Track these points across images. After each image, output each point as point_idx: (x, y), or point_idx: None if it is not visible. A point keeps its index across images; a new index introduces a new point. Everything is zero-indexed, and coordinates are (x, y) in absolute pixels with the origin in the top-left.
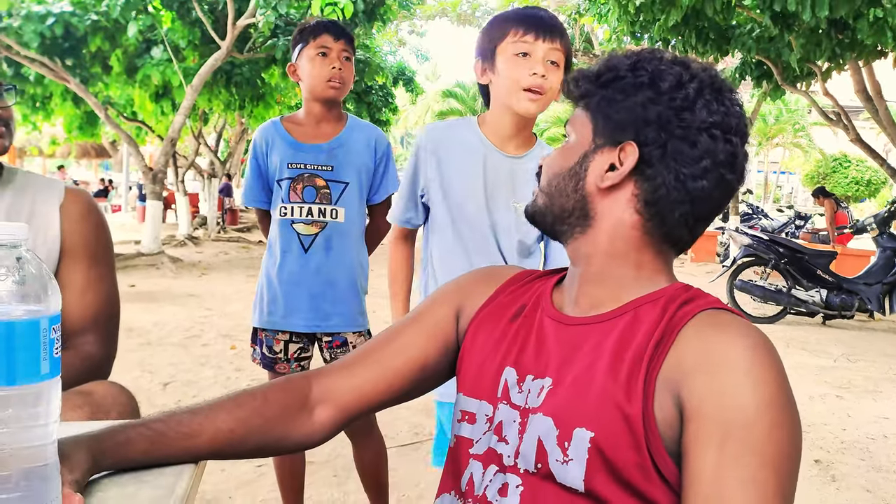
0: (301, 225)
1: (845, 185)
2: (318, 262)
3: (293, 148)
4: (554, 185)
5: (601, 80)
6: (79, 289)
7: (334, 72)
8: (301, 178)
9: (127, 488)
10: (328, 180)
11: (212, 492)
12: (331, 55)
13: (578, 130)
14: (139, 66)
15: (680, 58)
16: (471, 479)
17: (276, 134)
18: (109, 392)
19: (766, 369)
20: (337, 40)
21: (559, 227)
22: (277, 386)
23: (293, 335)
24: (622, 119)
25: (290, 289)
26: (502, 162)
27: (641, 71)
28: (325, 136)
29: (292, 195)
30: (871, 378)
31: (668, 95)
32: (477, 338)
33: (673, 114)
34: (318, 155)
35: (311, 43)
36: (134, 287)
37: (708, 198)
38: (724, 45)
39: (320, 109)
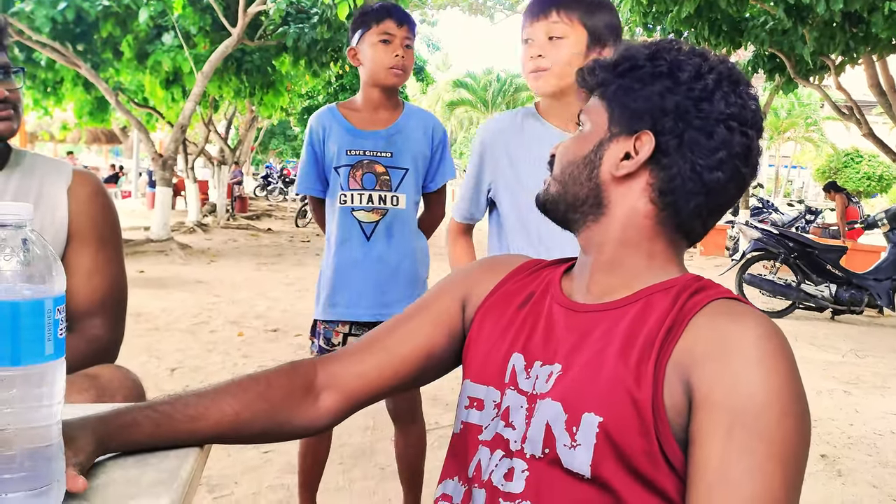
0: (362, 212)
1: (857, 181)
2: (381, 250)
3: (351, 134)
4: (568, 173)
5: (618, 69)
6: (86, 272)
7: (397, 59)
8: (360, 164)
9: (131, 471)
10: (388, 167)
11: (217, 477)
12: (394, 42)
13: (594, 119)
14: (150, 52)
15: (698, 49)
16: (478, 465)
17: (332, 120)
18: (115, 375)
19: (778, 359)
20: (400, 26)
21: (572, 216)
22: (283, 371)
23: (354, 325)
24: (639, 108)
25: (354, 277)
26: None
27: (660, 60)
28: (383, 122)
29: (352, 182)
30: (879, 374)
31: (686, 85)
32: (484, 325)
33: (691, 104)
34: (377, 141)
35: (373, 28)
36: (143, 273)
37: (722, 189)
38: (737, 38)
39: (379, 96)
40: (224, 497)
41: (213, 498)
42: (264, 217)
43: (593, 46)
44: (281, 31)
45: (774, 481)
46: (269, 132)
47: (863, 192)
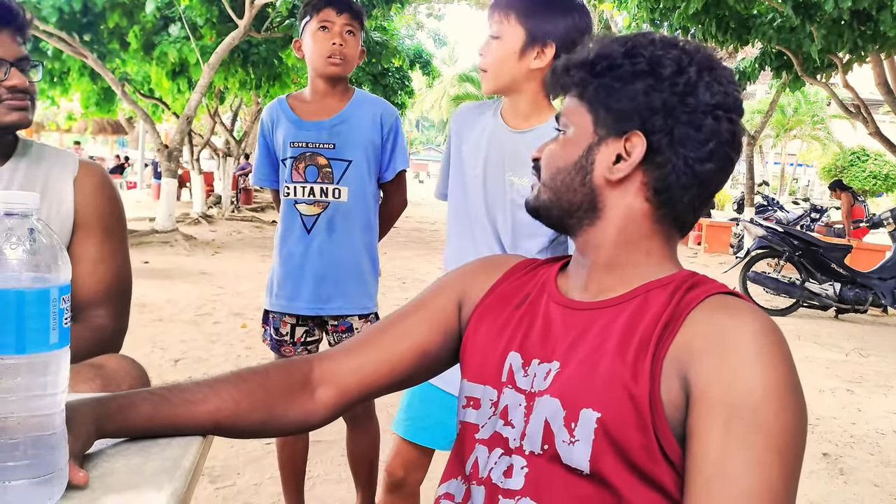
0: (304, 205)
1: (863, 179)
2: (321, 243)
3: (296, 126)
4: (559, 179)
5: (596, 68)
6: (91, 262)
7: (335, 48)
8: (303, 156)
9: (133, 460)
10: (330, 158)
11: (220, 467)
12: (332, 30)
13: (576, 122)
14: (156, 43)
15: (671, 39)
16: (475, 463)
17: (280, 112)
18: (121, 365)
19: (775, 354)
20: (340, 14)
21: (567, 221)
22: (280, 365)
23: (299, 318)
24: (625, 108)
25: (294, 271)
26: (506, 137)
27: (638, 57)
28: (327, 112)
29: (295, 174)
30: (882, 373)
31: (669, 81)
32: (481, 325)
33: (677, 99)
34: (320, 132)
35: (314, 18)
36: (147, 264)
37: (714, 178)
38: (745, 35)
39: (324, 86)
40: (226, 488)
41: (216, 488)
42: (269, 209)
43: (531, 46)
44: (288, 23)
45: (772, 474)
46: None
47: (868, 191)
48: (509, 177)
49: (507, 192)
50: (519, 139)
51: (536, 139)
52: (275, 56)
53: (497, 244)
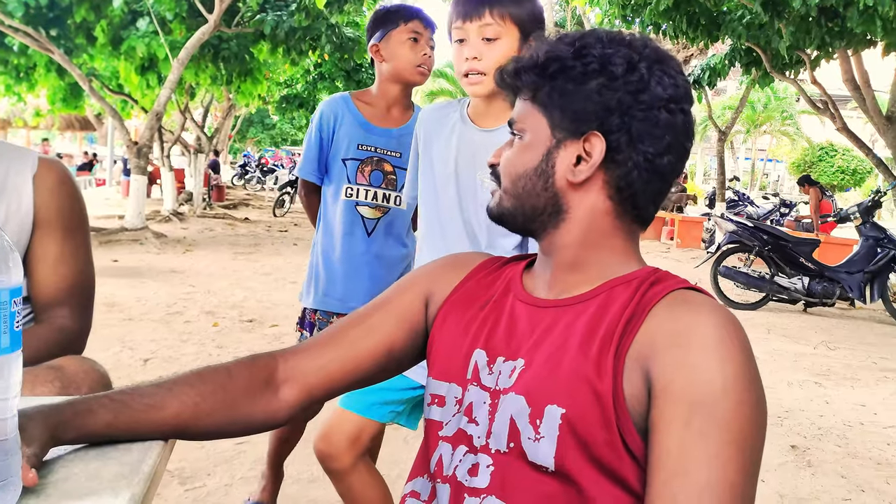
0: (366, 208)
1: (831, 174)
2: (380, 246)
3: (364, 129)
4: (521, 185)
5: (548, 70)
6: (52, 261)
7: (425, 58)
8: (370, 160)
9: (91, 465)
10: (396, 166)
11: (190, 468)
12: (421, 41)
13: (532, 126)
14: (124, 37)
15: (617, 35)
16: (440, 460)
17: (346, 110)
18: (82, 367)
19: (734, 347)
20: (426, 28)
21: (531, 226)
22: (243, 363)
23: None
24: (580, 109)
25: (352, 271)
26: (474, 136)
27: (589, 57)
28: (395, 121)
29: (359, 177)
30: (850, 366)
31: (622, 79)
32: (446, 323)
33: (632, 98)
34: (389, 140)
35: (401, 27)
36: (117, 262)
37: (673, 170)
38: (715, 31)
39: (399, 93)
40: (196, 489)
41: (185, 490)
42: (241, 206)
43: (524, 42)
44: (258, 18)
45: (731, 467)
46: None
47: (837, 186)
48: (480, 176)
49: (478, 192)
50: (488, 138)
51: (504, 137)
52: (246, 51)
53: (471, 244)
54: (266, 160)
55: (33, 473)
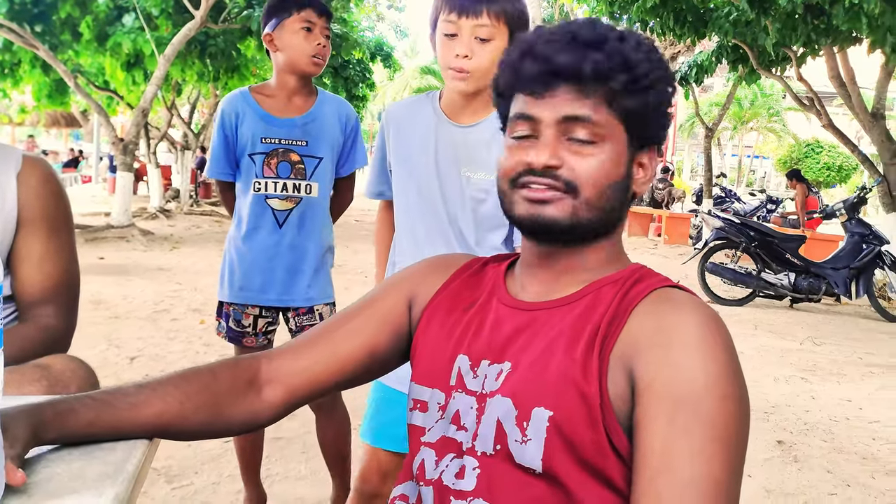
0: (276, 200)
1: (817, 171)
2: (292, 237)
3: (265, 121)
4: (606, 198)
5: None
6: (37, 259)
7: (319, 48)
8: (275, 152)
9: (75, 465)
10: (303, 155)
11: (177, 467)
12: (315, 31)
13: (611, 134)
14: (110, 33)
15: (649, 41)
16: (422, 465)
17: (246, 105)
18: (69, 366)
19: (717, 344)
20: (320, 16)
21: (594, 238)
22: (227, 364)
23: (263, 309)
24: (656, 125)
25: (264, 264)
26: (454, 132)
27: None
28: (297, 109)
29: (266, 170)
30: (835, 361)
31: (669, 94)
32: (430, 326)
33: (665, 107)
34: (293, 129)
35: (294, 15)
36: (103, 260)
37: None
38: (702, 28)
39: (296, 83)
40: (183, 487)
41: (172, 488)
42: None
43: (510, 43)
44: (245, 14)
45: (715, 463)
46: None
47: (823, 183)
48: (464, 172)
49: (464, 188)
50: (468, 134)
51: (484, 132)
52: (233, 48)
53: (457, 241)
54: None
55: (21, 473)
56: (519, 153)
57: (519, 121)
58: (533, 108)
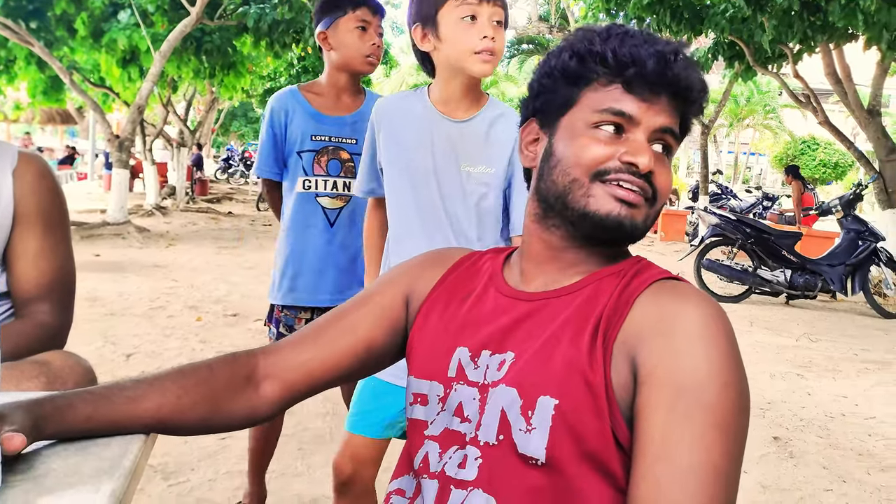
0: (326, 199)
1: (813, 168)
2: (343, 236)
3: (315, 119)
4: (663, 205)
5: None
6: (32, 256)
7: (374, 48)
8: (325, 150)
9: (71, 460)
10: (352, 153)
11: (174, 463)
12: (370, 30)
13: (675, 144)
14: (105, 30)
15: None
16: (426, 458)
17: (295, 103)
18: (67, 362)
19: (718, 333)
20: (374, 15)
21: (619, 245)
22: (224, 360)
23: (316, 311)
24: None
25: (317, 264)
26: (451, 128)
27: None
28: (346, 108)
29: (316, 168)
30: (831, 358)
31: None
32: (428, 320)
33: None
34: (343, 127)
35: (349, 14)
36: (99, 257)
37: None
38: (698, 25)
39: (347, 81)
40: (179, 484)
41: (169, 485)
42: (225, 200)
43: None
44: (241, 11)
45: (715, 451)
46: (231, 114)
47: (819, 180)
48: (464, 167)
49: (464, 184)
50: (464, 128)
51: (479, 126)
52: (229, 44)
53: (457, 237)
54: (250, 154)
55: (20, 437)
56: (609, 146)
57: (615, 116)
58: (635, 109)
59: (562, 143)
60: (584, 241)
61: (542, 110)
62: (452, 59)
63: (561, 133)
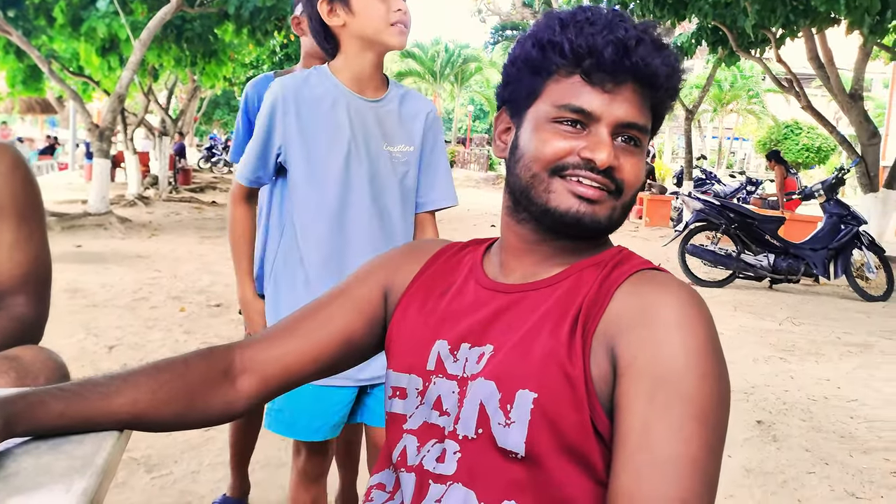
0: None
1: (796, 152)
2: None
3: None
4: (634, 197)
5: (678, 83)
6: (6, 248)
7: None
8: None
9: (43, 458)
10: None
11: (157, 456)
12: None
13: (645, 133)
14: (84, 18)
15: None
16: (403, 451)
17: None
18: (38, 357)
19: (697, 324)
20: None
21: (595, 238)
22: (201, 354)
23: None
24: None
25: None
26: (366, 108)
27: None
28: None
29: None
30: (814, 341)
31: None
32: (407, 313)
33: None
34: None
35: None
36: (80, 248)
37: None
38: (682, 11)
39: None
40: (162, 477)
41: (152, 478)
42: (208, 189)
43: None
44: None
45: (693, 442)
46: (213, 102)
47: (802, 164)
48: (385, 147)
49: (387, 163)
50: (379, 108)
51: (391, 104)
52: (210, 32)
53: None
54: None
55: None
56: (568, 141)
57: (573, 112)
58: (594, 103)
59: (525, 136)
60: (553, 235)
61: (510, 100)
62: (368, 32)
63: (525, 125)
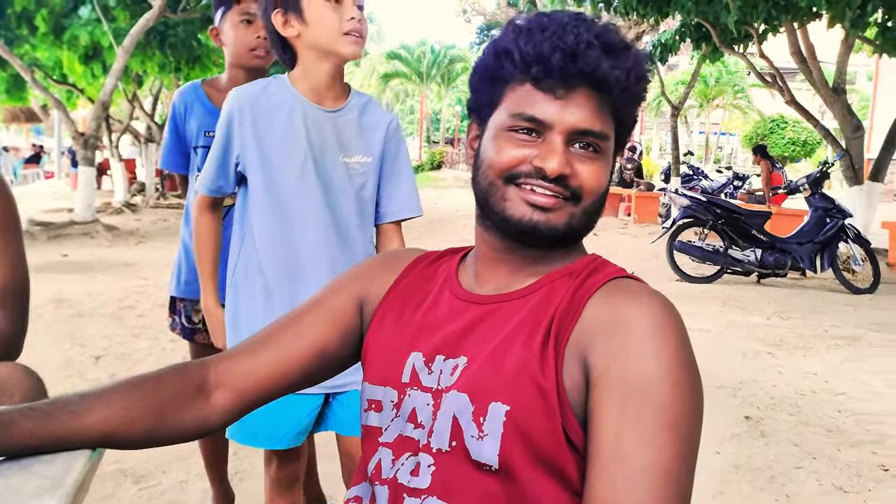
0: None
1: (782, 146)
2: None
3: (211, 115)
4: (599, 203)
5: (642, 84)
6: None
7: (259, 41)
8: None
9: (13, 479)
10: None
11: (144, 468)
12: (256, 22)
13: (608, 136)
14: (66, 26)
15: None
16: (378, 465)
17: (195, 98)
18: (13, 374)
19: (670, 333)
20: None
21: (568, 245)
22: (175, 369)
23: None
24: (632, 129)
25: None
26: (324, 118)
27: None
28: None
29: None
30: (802, 335)
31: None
32: (383, 325)
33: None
34: None
35: (234, 8)
36: (66, 257)
37: None
38: (665, 8)
39: (244, 77)
40: (150, 487)
41: (139, 489)
42: None
43: None
44: (205, 2)
45: (665, 452)
46: None
47: (788, 158)
48: (342, 158)
49: (344, 174)
50: (337, 118)
51: (350, 114)
52: (193, 38)
53: (337, 229)
54: None
55: None
56: (522, 149)
57: (525, 121)
58: (547, 111)
59: (486, 145)
60: (517, 244)
61: (476, 108)
62: (322, 41)
63: (486, 133)
